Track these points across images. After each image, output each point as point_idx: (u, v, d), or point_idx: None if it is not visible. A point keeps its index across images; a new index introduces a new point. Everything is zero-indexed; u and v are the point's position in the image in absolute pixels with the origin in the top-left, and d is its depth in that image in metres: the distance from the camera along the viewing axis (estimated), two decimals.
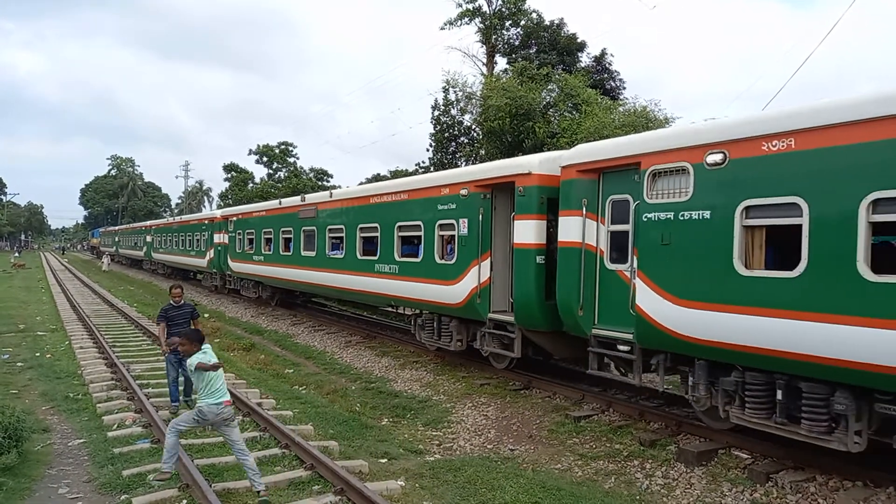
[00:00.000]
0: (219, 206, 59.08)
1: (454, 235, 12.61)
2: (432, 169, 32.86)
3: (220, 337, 18.91)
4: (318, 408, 10.76)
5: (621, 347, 9.22)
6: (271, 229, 22.52)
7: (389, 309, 17.69)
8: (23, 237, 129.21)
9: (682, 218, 8.09)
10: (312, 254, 18.97)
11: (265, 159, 62.64)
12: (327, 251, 18.11)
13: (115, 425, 8.97)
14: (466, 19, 34.80)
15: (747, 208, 7.36)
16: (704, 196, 7.82)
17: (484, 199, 11.89)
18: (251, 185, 59.60)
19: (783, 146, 7.02)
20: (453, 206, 12.65)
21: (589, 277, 9.65)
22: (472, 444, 9.54)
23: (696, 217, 7.93)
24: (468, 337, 12.96)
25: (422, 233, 13.63)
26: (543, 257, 10.80)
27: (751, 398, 7.41)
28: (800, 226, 6.80)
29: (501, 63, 35.89)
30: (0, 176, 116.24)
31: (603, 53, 33.88)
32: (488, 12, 34.80)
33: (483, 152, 30.10)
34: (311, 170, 61.79)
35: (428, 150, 35.47)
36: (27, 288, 32.77)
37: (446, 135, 33.44)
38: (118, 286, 35.42)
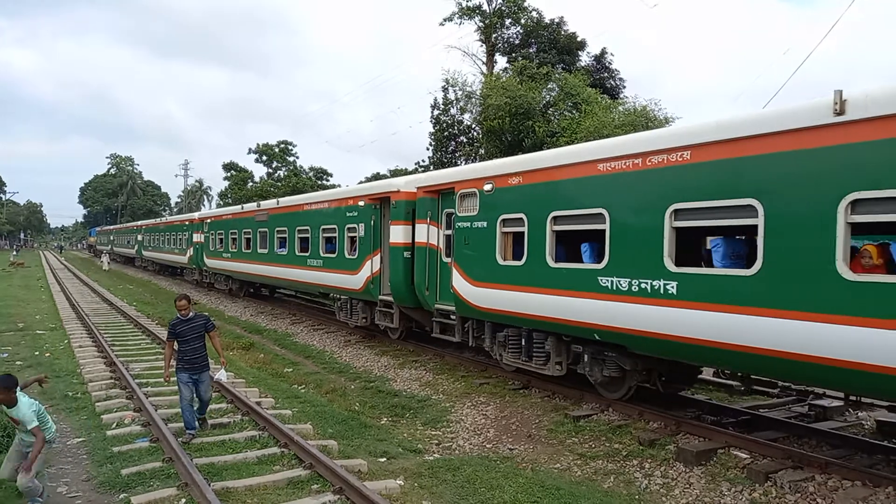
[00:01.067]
0: (218, 205, 59.13)
1: (356, 236, 16.21)
2: (432, 168, 32.86)
3: (220, 336, 18.87)
4: (317, 407, 10.75)
5: (452, 316, 12.82)
6: (236, 230, 25.85)
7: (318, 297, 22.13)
8: (22, 236, 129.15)
9: (473, 226, 11.73)
10: (266, 251, 22.53)
11: (265, 158, 62.66)
12: (276, 249, 21.71)
13: (114, 424, 8.96)
14: (466, 17, 34.77)
15: (503, 220, 11.03)
16: (484, 211, 11.51)
17: (374, 209, 15.51)
18: (251, 183, 59.60)
19: (521, 180, 10.73)
20: (356, 214, 16.27)
21: (432, 268, 13.40)
22: (471, 443, 9.54)
23: (480, 225, 11.55)
24: (371, 315, 16.38)
25: (336, 234, 17.27)
26: (409, 253, 14.15)
27: (511, 346, 11.32)
28: (522, 233, 10.60)
29: (501, 62, 35.94)
30: None
31: (603, 52, 33.92)
32: (488, 11, 34.77)
33: (483, 151, 30.12)
34: (311, 169, 61.80)
35: (428, 149, 35.49)
36: (26, 286, 32.75)
37: (446, 134, 33.46)
38: (117, 285, 35.42)
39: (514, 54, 34.49)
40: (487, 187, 11.33)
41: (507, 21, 34.96)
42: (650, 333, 8.44)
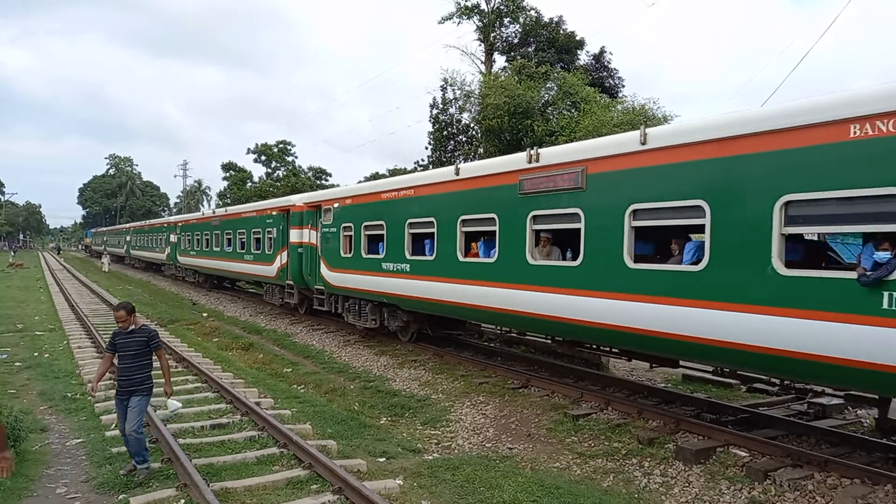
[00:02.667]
0: (217, 205, 59.17)
1: (273, 237, 22.01)
2: (431, 167, 32.85)
3: (219, 336, 18.92)
4: (316, 407, 10.75)
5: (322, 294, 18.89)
6: (199, 232, 31.56)
7: (250, 285, 30.45)
8: (21, 236, 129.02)
9: (329, 231, 17.73)
10: (218, 249, 28.36)
11: (264, 158, 62.60)
12: (224, 248, 27.55)
13: (113, 425, 8.92)
14: (464, 16, 34.71)
15: (343, 226, 16.89)
16: (335, 221, 17.44)
17: (282, 218, 21.27)
18: (250, 184, 59.55)
19: (350, 202, 16.75)
20: (272, 220, 22.20)
21: (314, 260, 18.87)
22: (470, 442, 9.54)
23: (332, 230, 17.50)
24: (283, 296, 22.18)
25: (261, 235, 23.31)
26: (301, 250, 19.77)
27: (352, 310, 17.10)
28: (351, 235, 16.52)
29: (500, 61, 35.88)
30: None
31: (602, 51, 33.87)
32: (486, 10, 34.72)
33: (482, 151, 30.09)
34: (310, 169, 61.75)
35: (427, 149, 35.46)
36: (25, 287, 32.73)
37: (445, 133, 33.41)
38: (116, 286, 35.39)
39: (512, 53, 34.46)
40: (336, 205, 17.40)
41: (506, 20, 34.92)
42: (409, 297, 13.98)
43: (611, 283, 8.96)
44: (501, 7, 34.52)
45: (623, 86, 33.79)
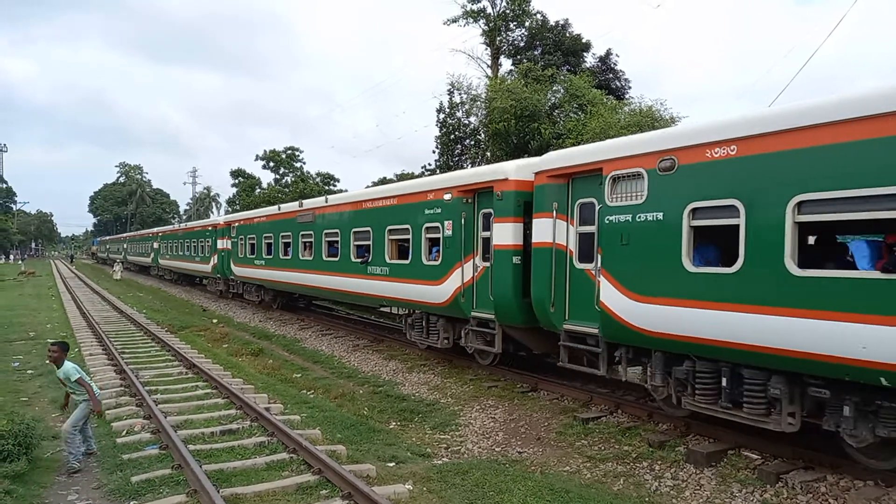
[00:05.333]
0: (226, 212, 59.81)
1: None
2: (438, 171, 32.89)
3: (229, 342, 18.98)
4: (325, 412, 10.76)
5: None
6: (172, 241, 40.11)
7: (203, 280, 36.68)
8: (33, 245, 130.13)
9: (234, 240, 27.29)
10: (182, 254, 37.01)
11: (272, 164, 62.84)
12: (183, 252, 36.82)
13: (124, 431, 9.00)
14: (470, 20, 34.76)
15: (240, 238, 27.27)
16: (236, 234, 27.95)
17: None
18: (258, 190, 59.80)
19: (239, 223, 27.64)
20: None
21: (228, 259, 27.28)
22: (479, 446, 9.52)
23: (235, 240, 27.70)
24: (225, 286, 29.99)
25: (210, 242, 30.67)
26: (226, 247, 28.11)
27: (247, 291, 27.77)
28: (243, 243, 26.78)
29: (506, 65, 35.89)
30: (10, 185, 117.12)
31: (608, 53, 33.81)
32: (492, 14, 34.77)
33: (489, 154, 30.10)
34: (318, 174, 61.93)
35: (434, 153, 35.50)
36: (37, 296, 32.97)
37: (452, 137, 33.44)
38: (127, 293, 35.61)
39: (518, 57, 34.46)
40: (234, 225, 28.42)
41: (512, 24, 34.95)
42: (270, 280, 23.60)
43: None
44: (507, 11, 34.56)
45: (629, 87, 33.72)
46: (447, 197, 13.10)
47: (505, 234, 11.45)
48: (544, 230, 10.42)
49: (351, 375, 14.45)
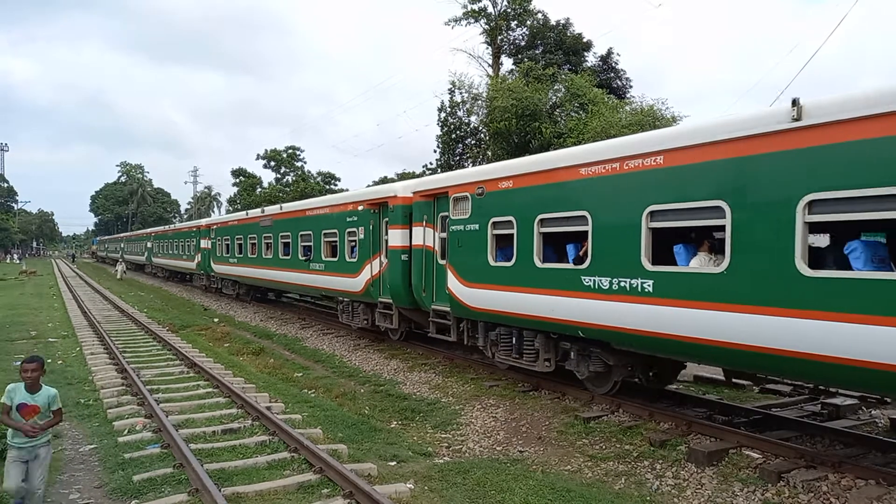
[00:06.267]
0: (227, 211, 59.91)
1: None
2: (439, 170, 32.89)
3: (230, 342, 18.99)
4: (327, 411, 10.77)
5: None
6: (164, 241, 43.53)
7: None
8: (34, 244, 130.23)
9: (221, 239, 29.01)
10: (172, 252, 40.19)
11: (273, 164, 62.86)
12: (172, 251, 40.09)
13: (126, 430, 9.01)
14: (471, 19, 34.75)
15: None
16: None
17: (205, 231, 28.85)
18: (259, 189, 59.82)
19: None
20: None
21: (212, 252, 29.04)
22: (481, 446, 9.52)
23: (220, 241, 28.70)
24: (208, 281, 32.88)
25: (195, 242, 33.47)
26: (208, 246, 30.94)
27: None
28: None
29: (507, 64, 35.87)
30: (11, 184, 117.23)
31: (609, 52, 33.78)
32: (493, 13, 34.75)
33: (490, 153, 30.08)
34: (319, 174, 61.94)
35: (435, 152, 35.49)
36: (39, 295, 33.02)
37: (453, 136, 33.41)
38: (128, 292, 35.64)
39: (519, 56, 34.44)
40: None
41: (513, 23, 34.93)
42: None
43: None
44: (508, 10, 34.54)
45: (631, 87, 33.70)
46: (360, 208, 16.61)
47: (396, 237, 14.86)
48: (419, 235, 14.05)
49: (352, 374, 14.45)
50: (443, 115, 33.49)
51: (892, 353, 5.94)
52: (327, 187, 57.00)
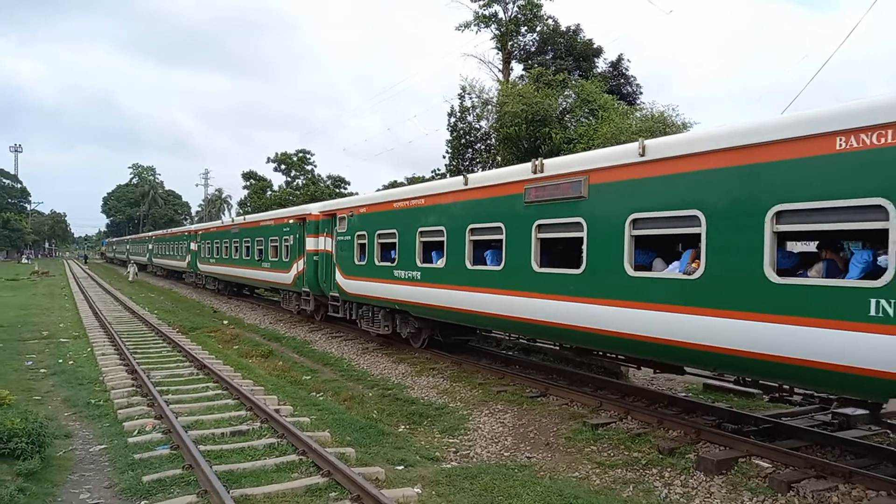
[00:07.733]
0: (238, 214, 60.16)
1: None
2: (448, 175, 32.94)
3: (239, 344, 19.08)
4: (335, 414, 10.79)
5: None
6: (163, 243, 49.01)
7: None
8: (47, 245, 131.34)
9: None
10: (170, 254, 45.32)
11: (283, 167, 63.18)
12: (170, 252, 45.15)
13: (136, 431, 9.07)
14: (482, 25, 34.85)
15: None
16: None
17: (194, 235, 35.46)
18: (270, 192, 60.13)
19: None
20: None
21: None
22: (488, 451, 9.51)
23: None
24: (195, 278, 38.21)
25: (186, 245, 38.73)
26: (196, 248, 36.38)
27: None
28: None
29: (517, 69, 35.93)
30: (24, 185, 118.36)
31: (619, 58, 33.80)
32: (504, 19, 34.82)
33: (499, 158, 30.11)
34: (329, 177, 62.18)
35: (444, 157, 35.57)
36: (50, 295, 33.29)
37: (463, 141, 33.48)
38: (139, 293, 35.88)
39: (530, 61, 34.52)
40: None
41: (524, 29, 34.99)
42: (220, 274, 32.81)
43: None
44: (519, 16, 34.61)
45: (641, 93, 33.72)
46: (291, 221, 22.20)
47: (311, 243, 20.32)
48: (322, 242, 19.62)
49: (360, 378, 14.47)
50: (452, 120, 33.58)
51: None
52: (337, 191, 57.20)
